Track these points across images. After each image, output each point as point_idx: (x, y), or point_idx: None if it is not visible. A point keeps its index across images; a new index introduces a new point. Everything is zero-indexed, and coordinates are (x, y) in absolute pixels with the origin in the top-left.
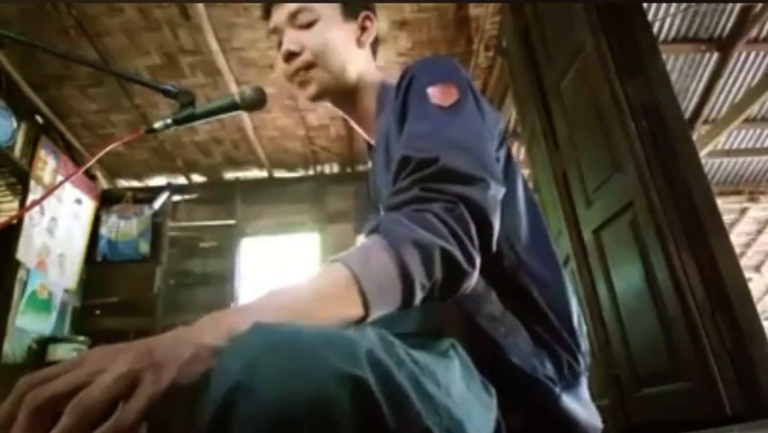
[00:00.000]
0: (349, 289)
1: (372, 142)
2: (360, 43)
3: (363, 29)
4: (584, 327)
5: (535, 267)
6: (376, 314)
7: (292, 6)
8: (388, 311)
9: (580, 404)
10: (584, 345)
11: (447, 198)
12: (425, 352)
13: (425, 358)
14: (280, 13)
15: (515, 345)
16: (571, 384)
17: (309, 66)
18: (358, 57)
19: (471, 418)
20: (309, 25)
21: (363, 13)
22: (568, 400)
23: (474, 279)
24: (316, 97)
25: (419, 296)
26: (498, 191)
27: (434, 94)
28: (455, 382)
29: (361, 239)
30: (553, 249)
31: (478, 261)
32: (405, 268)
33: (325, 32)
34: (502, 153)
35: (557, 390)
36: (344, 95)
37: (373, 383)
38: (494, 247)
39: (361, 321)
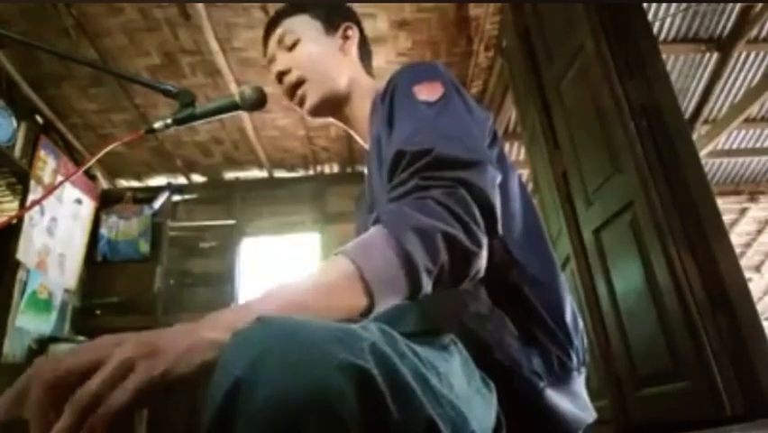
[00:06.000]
0: (351, 280)
1: (368, 147)
2: (343, 52)
3: (345, 39)
4: (580, 324)
5: (528, 264)
6: (383, 303)
7: (278, 32)
8: (397, 300)
9: (570, 399)
10: (578, 341)
11: (446, 183)
12: (427, 347)
13: (426, 352)
14: (271, 43)
15: (500, 342)
16: (561, 379)
17: (300, 82)
18: (345, 65)
19: (473, 410)
20: (293, 46)
21: (344, 25)
22: (553, 395)
23: (484, 260)
24: (315, 110)
25: (427, 282)
26: (495, 174)
27: (420, 91)
28: (456, 376)
29: None
30: (548, 247)
31: (484, 241)
32: (407, 254)
33: (309, 48)
34: (494, 152)
35: (542, 385)
36: (340, 103)
37: (377, 374)
38: (500, 229)
39: (367, 312)
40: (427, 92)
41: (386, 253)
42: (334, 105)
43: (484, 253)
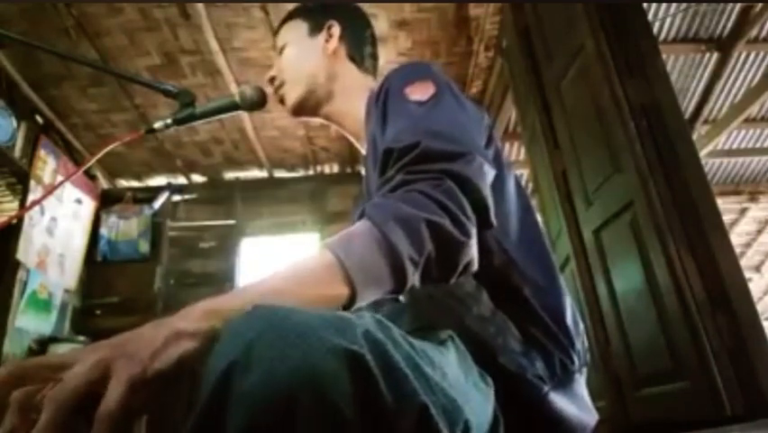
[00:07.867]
0: (331, 268)
1: (363, 151)
2: (326, 51)
3: (329, 37)
4: (580, 326)
5: (527, 266)
6: (366, 294)
7: (277, 40)
8: (383, 291)
9: (573, 401)
10: (579, 343)
11: (432, 175)
12: (423, 340)
13: (421, 344)
14: (275, 52)
15: (504, 346)
16: (563, 382)
17: (281, 85)
18: (326, 63)
19: (468, 401)
20: (282, 51)
21: (327, 23)
22: (557, 399)
23: (474, 250)
24: (295, 110)
25: (413, 272)
26: (483, 165)
27: (412, 91)
28: (451, 368)
29: None
30: (546, 248)
31: (473, 231)
32: (390, 244)
33: (292, 52)
34: (490, 152)
35: (545, 388)
36: (320, 102)
37: (371, 359)
38: (494, 219)
39: (349, 302)
40: (419, 92)
41: (368, 242)
42: (313, 103)
43: (473, 243)
